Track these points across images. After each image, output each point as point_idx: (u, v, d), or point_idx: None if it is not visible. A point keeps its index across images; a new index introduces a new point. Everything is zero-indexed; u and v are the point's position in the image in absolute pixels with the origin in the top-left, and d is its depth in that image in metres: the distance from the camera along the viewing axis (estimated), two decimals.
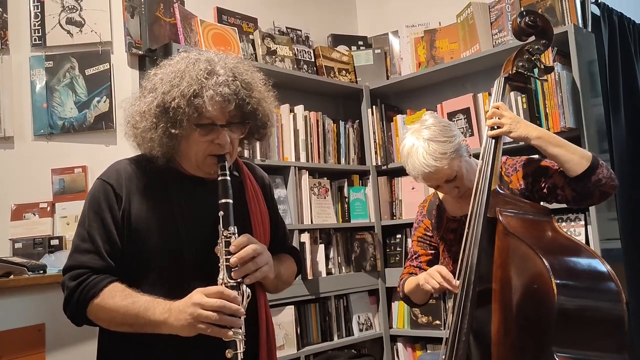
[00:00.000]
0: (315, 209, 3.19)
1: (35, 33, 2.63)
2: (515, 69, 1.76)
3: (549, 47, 1.81)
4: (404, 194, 3.46)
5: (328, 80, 3.46)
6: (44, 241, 2.39)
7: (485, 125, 2.08)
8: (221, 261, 1.34)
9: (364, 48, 3.77)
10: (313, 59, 3.53)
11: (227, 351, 1.27)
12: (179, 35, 2.86)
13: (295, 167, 3.11)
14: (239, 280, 1.33)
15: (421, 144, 1.75)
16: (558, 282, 1.36)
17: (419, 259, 2.04)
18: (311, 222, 3.14)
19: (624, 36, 3.12)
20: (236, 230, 1.36)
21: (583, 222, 2.69)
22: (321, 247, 3.19)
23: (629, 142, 3.00)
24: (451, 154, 1.74)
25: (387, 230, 3.48)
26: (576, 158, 1.66)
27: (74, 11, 2.70)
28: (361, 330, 3.30)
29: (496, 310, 1.54)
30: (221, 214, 1.36)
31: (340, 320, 3.23)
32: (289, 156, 3.14)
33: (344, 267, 3.34)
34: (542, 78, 1.86)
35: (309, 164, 3.21)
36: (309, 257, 3.06)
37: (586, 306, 1.43)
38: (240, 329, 1.29)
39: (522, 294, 1.49)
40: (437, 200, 2.02)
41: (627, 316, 1.41)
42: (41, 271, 2.09)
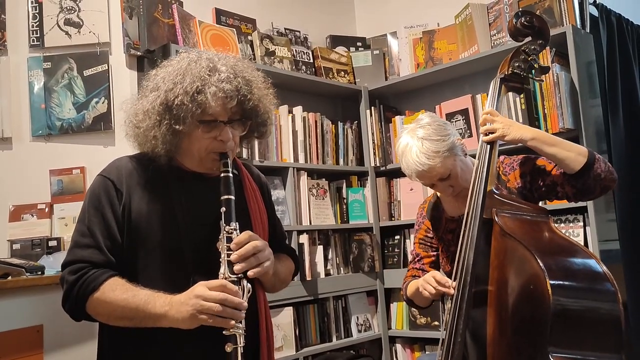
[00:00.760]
0: (313, 209, 3.19)
1: (33, 34, 2.63)
2: (511, 69, 1.77)
3: (546, 47, 1.81)
4: (402, 195, 3.46)
5: (326, 81, 3.46)
6: (42, 242, 2.38)
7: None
8: (222, 256, 1.34)
9: (362, 49, 3.77)
10: (311, 60, 3.53)
11: (226, 345, 1.28)
12: (178, 36, 2.87)
13: (293, 168, 3.11)
14: (240, 275, 1.34)
15: (415, 142, 1.76)
16: (553, 283, 1.36)
17: (421, 261, 2.05)
18: (310, 223, 3.14)
19: (622, 37, 3.11)
20: (237, 226, 1.37)
21: (582, 223, 2.70)
22: (320, 248, 3.19)
23: (628, 142, 3.00)
24: (444, 153, 1.75)
25: (385, 231, 3.48)
26: (573, 155, 1.66)
27: (72, 12, 2.70)
28: (360, 331, 3.30)
29: (492, 311, 1.54)
30: (223, 209, 1.37)
31: (339, 321, 3.23)
32: (288, 157, 3.14)
33: (342, 268, 3.34)
34: (538, 78, 1.86)
35: (307, 165, 3.21)
36: (307, 258, 3.06)
37: (582, 307, 1.42)
38: (241, 323, 1.29)
39: (518, 294, 1.49)
40: (436, 200, 2.02)
41: (624, 316, 1.40)
42: (39, 272, 2.09)
